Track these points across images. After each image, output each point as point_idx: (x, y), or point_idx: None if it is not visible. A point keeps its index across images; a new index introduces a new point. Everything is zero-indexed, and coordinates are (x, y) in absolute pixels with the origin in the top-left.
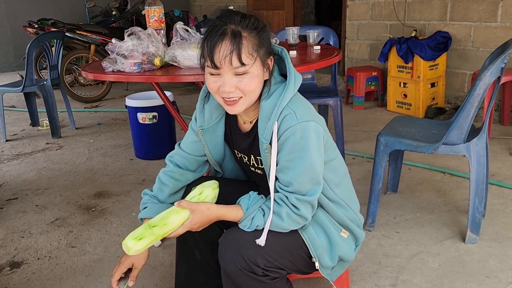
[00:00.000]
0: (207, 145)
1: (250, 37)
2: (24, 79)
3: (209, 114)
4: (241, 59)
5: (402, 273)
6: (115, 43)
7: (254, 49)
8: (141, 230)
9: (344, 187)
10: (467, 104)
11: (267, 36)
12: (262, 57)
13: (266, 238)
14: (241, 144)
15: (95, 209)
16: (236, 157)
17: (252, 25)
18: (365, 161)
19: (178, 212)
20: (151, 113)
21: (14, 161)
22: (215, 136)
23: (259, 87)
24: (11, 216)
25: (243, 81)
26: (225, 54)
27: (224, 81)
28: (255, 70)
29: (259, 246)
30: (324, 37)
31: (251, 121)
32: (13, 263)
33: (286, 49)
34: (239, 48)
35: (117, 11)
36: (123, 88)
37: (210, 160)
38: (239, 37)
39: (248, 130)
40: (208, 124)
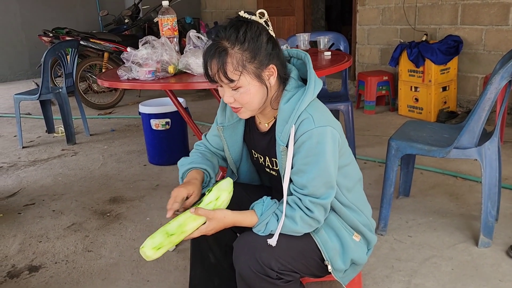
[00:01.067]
0: (226, 142)
1: (238, 52)
2: (40, 87)
3: (230, 112)
4: (227, 75)
5: (414, 277)
6: (130, 52)
7: (239, 64)
8: (160, 238)
9: (355, 192)
10: (478, 108)
11: (262, 46)
12: (254, 70)
13: (280, 242)
14: (259, 144)
15: (110, 214)
16: (253, 157)
17: (242, 37)
18: (377, 166)
19: (195, 220)
20: (164, 120)
21: (31, 167)
22: (235, 134)
23: (256, 99)
24: (28, 221)
25: (237, 95)
26: (214, 72)
27: (223, 93)
28: (245, 83)
29: (273, 249)
30: (335, 42)
31: (268, 123)
32: (31, 267)
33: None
34: (223, 66)
35: (129, 19)
36: (136, 95)
37: (228, 158)
38: (224, 55)
39: (265, 131)
40: (228, 122)
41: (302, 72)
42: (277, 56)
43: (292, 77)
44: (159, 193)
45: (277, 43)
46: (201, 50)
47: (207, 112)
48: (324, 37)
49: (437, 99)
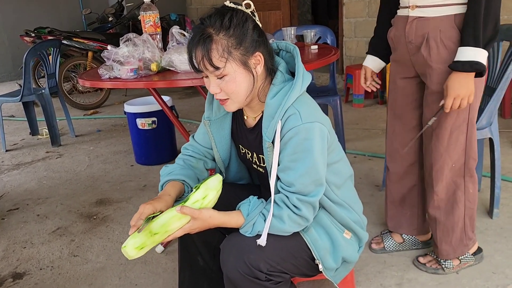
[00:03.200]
0: (214, 138)
1: (223, 39)
2: (22, 89)
3: (217, 106)
4: (212, 62)
5: (407, 271)
6: (111, 50)
7: (225, 50)
8: (143, 237)
9: (346, 189)
10: (498, 89)
11: (247, 32)
12: (240, 57)
13: (268, 242)
14: (246, 140)
15: (96, 217)
16: (240, 152)
17: (227, 24)
18: (366, 159)
19: (180, 219)
20: (150, 119)
21: (15, 171)
22: (222, 128)
23: (242, 88)
24: (12, 227)
25: (223, 84)
26: (199, 60)
27: (209, 83)
28: (231, 71)
29: (261, 250)
30: (321, 36)
31: (255, 117)
32: (15, 274)
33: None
34: (208, 52)
35: (113, 17)
36: (122, 94)
37: (216, 155)
38: (209, 42)
39: (252, 126)
40: (215, 116)
41: (291, 65)
42: (264, 44)
43: (279, 70)
44: (146, 193)
45: (263, 32)
46: (184, 46)
47: (194, 110)
48: (311, 31)
49: None
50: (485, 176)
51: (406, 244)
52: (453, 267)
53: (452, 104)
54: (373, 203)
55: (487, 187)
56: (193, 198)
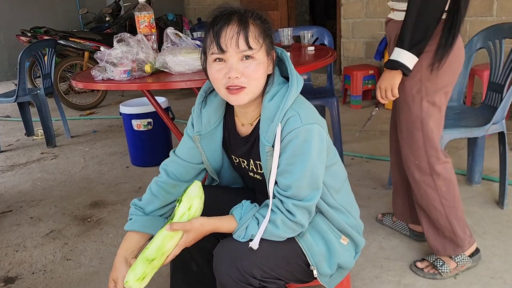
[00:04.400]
0: (204, 152)
1: (258, 24)
2: (17, 89)
3: (207, 119)
4: (248, 42)
5: (404, 276)
6: (104, 51)
7: (260, 35)
8: (142, 267)
9: (343, 193)
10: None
11: (270, 29)
12: (267, 47)
13: (262, 248)
14: (240, 149)
15: (90, 220)
16: (234, 162)
17: (256, 15)
18: (364, 161)
19: (173, 237)
20: (146, 120)
21: (9, 172)
22: (213, 142)
23: (263, 78)
24: (5, 230)
25: (250, 67)
26: (232, 35)
27: (230, 65)
28: (261, 57)
29: (255, 256)
30: (319, 37)
31: (251, 123)
32: (7, 279)
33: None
34: (246, 30)
35: (110, 17)
36: (119, 94)
37: (208, 168)
38: (246, 22)
39: (247, 134)
40: (206, 129)
41: (280, 70)
42: (274, 47)
43: (275, 72)
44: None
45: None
46: (179, 48)
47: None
48: (308, 32)
49: None
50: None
51: (397, 225)
52: (450, 271)
53: (381, 95)
54: (370, 207)
55: (487, 189)
56: (179, 213)
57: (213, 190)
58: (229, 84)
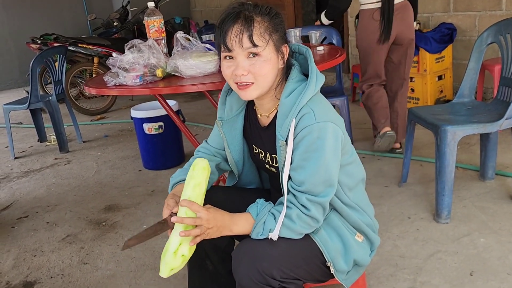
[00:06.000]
0: (226, 138)
1: (263, 21)
2: (29, 96)
3: (230, 106)
4: (252, 39)
5: (420, 274)
6: (116, 57)
7: (266, 32)
8: (171, 261)
9: (358, 192)
10: None
11: (281, 23)
12: (276, 42)
13: (281, 249)
14: (259, 139)
15: (105, 224)
16: (253, 152)
17: (265, 11)
18: (375, 159)
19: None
20: (157, 123)
21: (24, 178)
22: (234, 128)
23: (271, 74)
24: (22, 235)
25: (256, 64)
26: (236, 34)
27: (237, 63)
28: (267, 53)
29: (274, 258)
30: (327, 36)
31: (268, 115)
32: (26, 283)
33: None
34: (250, 29)
35: (118, 22)
36: (129, 98)
37: (228, 156)
38: (250, 20)
39: (266, 125)
40: (228, 116)
41: (304, 67)
42: (287, 40)
43: (295, 68)
44: (155, 199)
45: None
46: (189, 52)
47: (201, 113)
48: (316, 32)
49: (433, 89)
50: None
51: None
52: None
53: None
54: (383, 205)
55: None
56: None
57: (228, 190)
58: (237, 80)
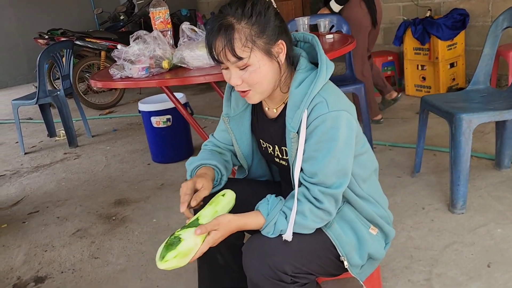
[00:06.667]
0: (234, 134)
1: (245, 27)
2: (38, 91)
3: (236, 101)
4: (235, 53)
5: (436, 266)
6: (121, 49)
7: (248, 39)
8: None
9: (371, 183)
10: None
11: (270, 19)
12: (264, 46)
13: (292, 244)
14: (267, 133)
15: (115, 218)
16: (261, 147)
17: (247, 12)
18: (387, 149)
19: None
20: (165, 116)
21: (34, 173)
22: (242, 124)
23: (267, 78)
24: (33, 230)
25: (245, 75)
26: (219, 50)
27: (230, 75)
28: (255, 61)
29: (285, 252)
30: (335, 24)
31: (276, 108)
32: (37, 278)
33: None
34: (231, 42)
35: (124, 16)
36: (137, 92)
37: (237, 152)
38: (230, 31)
39: (274, 117)
40: (234, 112)
41: (311, 56)
42: (285, 31)
43: (302, 56)
44: (164, 192)
45: (283, 18)
46: (196, 42)
47: (209, 106)
48: (325, 20)
49: (445, 76)
50: None
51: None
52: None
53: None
54: (396, 195)
55: None
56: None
57: (238, 182)
58: (236, 88)
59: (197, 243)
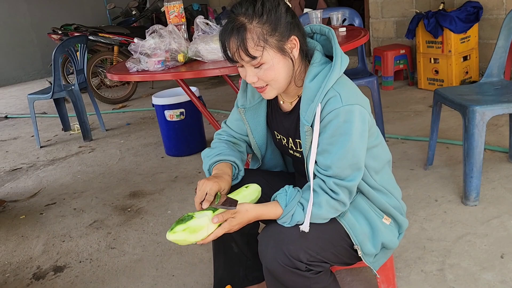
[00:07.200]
0: (249, 125)
1: (257, 26)
2: (53, 86)
3: (252, 93)
4: (248, 53)
5: (448, 257)
6: (138, 43)
7: (260, 38)
8: (182, 234)
9: (384, 174)
10: None
11: (281, 16)
12: (276, 43)
13: (308, 232)
14: (282, 125)
15: (131, 209)
16: (276, 139)
17: (258, 11)
18: (399, 142)
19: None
20: (178, 110)
21: (50, 166)
22: (257, 115)
23: (281, 74)
24: (51, 221)
25: (260, 72)
26: (234, 51)
27: (245, 73)
28: (269, 59)
29: (301, 241)
30: (347, 18)
31: (291, 102)
32: (56, 268)
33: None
34: (243, 43)
35: (136, 11)
36: (149, 86)
37: (252, 143)
38: (242, 31)
39: (289, 111)
40: (250, 103)
41: (326, 48)
42: (297, 26)
43: (317, 50)
44: (178, 185)
45: (295, 13)
46: (210, 36)
47: (221, 100)
48: (337, 13)
49: (458, 70)
50: None
51: None
52: None
53: None
54: (409, 188)
55: None
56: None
57: (252, 172)
58: (253, 85)
59: (208, 224)
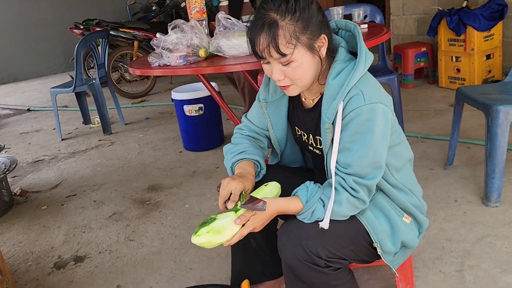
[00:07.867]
0: (270, 119)
1: (289, 24)
2: (75, 80)
3: (274, 88)
4: (279, 50)
5: (468, 258)
6: (160, 38)
7: (292, 36)
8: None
9: (405, 172)
10: None
11: (313, 14)
12: (307, 41)
13: (327, 228)
14: (303, 121)
15: (149, 203)
16: (296, 134)
17: (291, 8)
18: (419, 141)
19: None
20: (197, 105)
21: (71, 159)
22: (279, 110)
23: (308, 73)
24: (71, 212)
25: (288, 70)
26: (263, 47)
27: (272, 70)
28: (298, 57)
29: (320, 237)
30: (368, 15)
31: (313, 99)
32: (77, 258)
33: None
34: (275, 39)
35: (156, 6)
36: (168, 81)
37: (272, 137)
38: (275, 28)
39: (310, 107)
40: (272, 97)
41: (350, 45)
42: (327, 25)
43: (342, 47)
44: (196, 179)
45: (324, 12)
46: (232, 31)
47: (239, 95)
48: (359, 9)
49: (481, 68)
50: None
51: None
52: None
53: None
54: (428, 187)
55: None
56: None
57: (272, 168)
58: (277, 83)
59: (232, 225)
